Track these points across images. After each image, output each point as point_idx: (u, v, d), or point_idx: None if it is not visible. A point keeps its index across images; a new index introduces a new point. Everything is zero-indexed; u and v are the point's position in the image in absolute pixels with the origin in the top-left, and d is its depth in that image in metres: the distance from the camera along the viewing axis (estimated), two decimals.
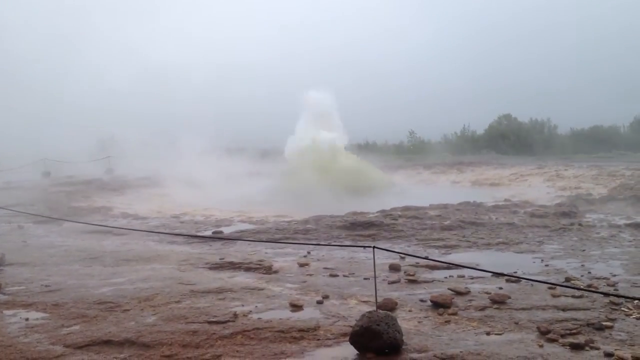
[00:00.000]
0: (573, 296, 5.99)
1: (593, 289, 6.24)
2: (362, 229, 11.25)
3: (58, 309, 5.90)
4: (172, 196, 19.93)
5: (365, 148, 36.87)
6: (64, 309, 5.91)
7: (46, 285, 6.91)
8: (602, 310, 5.51)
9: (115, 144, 28.09)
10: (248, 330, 5.09)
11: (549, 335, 4.79)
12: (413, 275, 7.29)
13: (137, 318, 5.54)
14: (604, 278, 6.95)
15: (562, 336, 4.78)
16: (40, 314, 5.77)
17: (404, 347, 4.54)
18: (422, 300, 6.06)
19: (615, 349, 4.44)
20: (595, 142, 34.58)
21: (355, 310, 5.68)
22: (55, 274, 7.66)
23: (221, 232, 11.87)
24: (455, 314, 5.56)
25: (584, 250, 8.85)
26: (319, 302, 6.03)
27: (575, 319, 5.25)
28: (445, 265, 7.53)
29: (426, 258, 8.02)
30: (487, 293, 6.20)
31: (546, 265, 7.86)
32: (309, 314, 5.64)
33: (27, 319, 5.58)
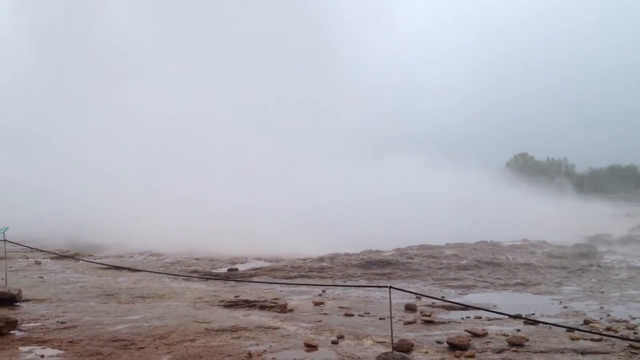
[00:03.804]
0: (592, 339, 5.88)
1: (612, 333, 6.12)
2: (378, 267, 11.20)
3: (73, 346, 5.91)
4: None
5: None
6: (80, 346, 5.92)
7: (62, 322, 6.94)
8: (621, 354, 5.40)
9: None
10: None
11: None
12: (429, 315, 7.21)
13: (151, 357, 5.53)
14: (623, 321, 6.83)
15: None
16: (55, 351, 5.79)
17: None
18: (438, 342, 5.98)
19: None
20: (613, 182, 34.35)
21: (370, 351, 5.62)
22: (71, 311, 7.69)
23: (236, 269, 11.87)
24: (472, 356, 5.47)
25: (602, 292, 8.70)
26: (334, 342, 5.98)
27: None
28: (462, 306, 7.45)
29: (442, 299, 7.94)
30: (504, 335, 6.11)
31: (565, 307, 7.74)
32: (324, 355, 5.58)
33: (42, 356, 5.59)
